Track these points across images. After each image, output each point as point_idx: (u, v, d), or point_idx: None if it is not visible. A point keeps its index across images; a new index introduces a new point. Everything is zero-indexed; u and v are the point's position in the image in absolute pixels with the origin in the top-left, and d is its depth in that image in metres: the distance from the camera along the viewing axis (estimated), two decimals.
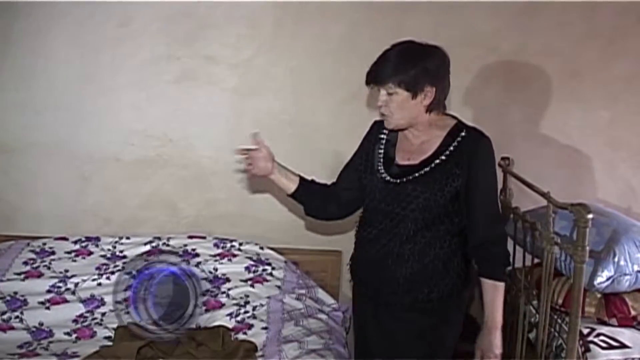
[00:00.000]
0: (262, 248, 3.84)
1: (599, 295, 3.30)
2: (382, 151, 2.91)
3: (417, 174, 2.76)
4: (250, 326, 3.29)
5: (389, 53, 2.74)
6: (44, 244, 3.78)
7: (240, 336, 3.21)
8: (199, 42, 3.89)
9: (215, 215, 4.03)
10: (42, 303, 3.41)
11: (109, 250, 3.75)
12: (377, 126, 2.97)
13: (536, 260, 3.35)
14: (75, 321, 3.36)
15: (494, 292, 2.80)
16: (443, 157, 2.75)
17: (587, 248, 2.79)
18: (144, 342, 3.00)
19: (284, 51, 3.91)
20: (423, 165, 2.77)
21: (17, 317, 3.32)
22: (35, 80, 3.90)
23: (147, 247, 3.76)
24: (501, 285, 2.81)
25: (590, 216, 2.74)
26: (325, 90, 3.91)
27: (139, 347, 2.97)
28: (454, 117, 2.88)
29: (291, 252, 3.92)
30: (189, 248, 3.77)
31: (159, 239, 3.83)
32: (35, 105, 3.93)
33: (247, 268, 3.68)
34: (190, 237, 3.86)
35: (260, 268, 3.68)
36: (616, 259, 3.17)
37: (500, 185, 3.66)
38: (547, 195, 3.06)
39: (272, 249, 3.86)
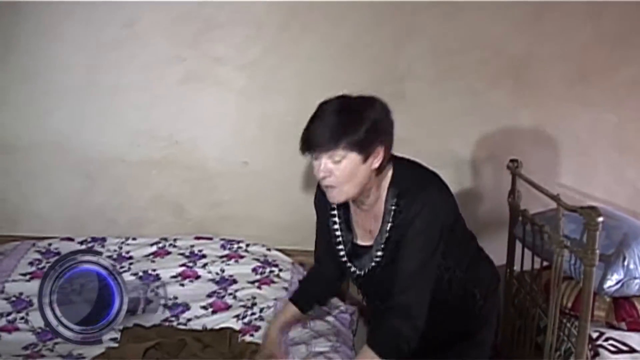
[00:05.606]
0: (269, 249, 3.84)
1: (608, 299, 3.28)
2: (339, 233, 2.68)
3: (377, 260, 2.56)
4: (257, 328, 3.25)
5: (327, 112, 2.40)
6: (50, 244, 3.77)
7: (247, 338, 3.18)
8: (204, 43, 3.87)
9: (222, 216, 4.02)
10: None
11: (115, 251, 3.74)
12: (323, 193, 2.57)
13: (544, 264, 3.33)
14: None
15: None
16: (387, 235, 2.51)
17: (597, 251, 2.78)
18: (150, 343, 2.98)
19: (290, 52, 3.89)
20: (376, 247, 2.55)
21: (22, 318, 3.29)
22: (40, 80, 3.89)
23: (154, 248, 3.77)
24: None
25: (600, 219, 2.72)
26: (332, 91, 3.83)
27: (145, 349, 2.94)
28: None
29: (298, 253, 3.88)
30: (195, 249, 3.76)
31: (166, 240, 3.83)
32: (39, 105, 3.91)
33: (254, 269, 3.66)
34: (197, 238, 3.86)
35: (268, 269, 3.66)
36: (626, 263, 3.13)
37: (508, 188, 3.65)
38: (557, 198, 3.04)
39: (279, 250, 3.85)
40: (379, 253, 2.54)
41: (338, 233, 2.68)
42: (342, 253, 2.68)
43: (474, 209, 3.99)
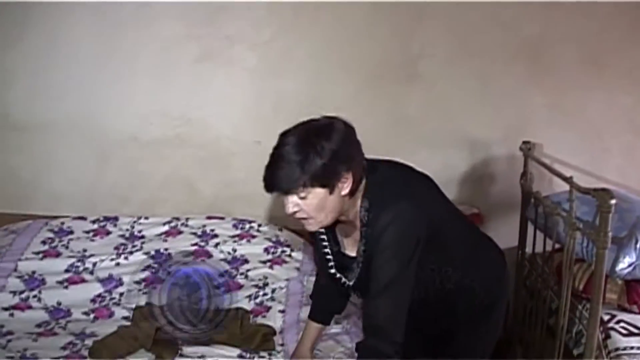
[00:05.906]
0: (281, 229, 3.83)
1: (620, 282, 3.26)
2: (326, 243, 2.61)
3: (359, 270, 2.49)
4: (269, 308, 3.29)
5: (284, 151, 2.28)
6: (62, 223, 3.78)
7: (259, 319, 3.21)
8: (218, 21, 3.85)
9: (234, 196, 4.00)
10: (60, 283, 3.42)
11: (127, 230, 3.74)
12: None
13: (556, 246, 3.32)
14: (93, 301, 3.36)
15: None
16: (363, 248, 2.43)
17: (610, 234, 2.75)
18: (162, 322, 3.00)
19: (304, 32, 3.87)
20: (359, 258, 2.47)
21: (35, 296, 3.32)
22: (54, 58, 3.89)
23: (166, 228, 3.76)
24: None
25: (613, 202, 2.69)
26: (345, 71, 3.88)
27: (157, 328, 2.95)
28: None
29: (310, 233, 3.87)
30: (207, 229, 3.76)
31: (178, 219, 3.82)
32: (53, 83, 3.91)
33: (266, 249, 3.67)
34: (209, 217, 3.86)
35: (279, 249, 3.67)
36: (638, 245, 3.11)
37: (521, 169, 3.65)
38: (570, 179, 3.03)
39: (291, 230, 3.84)
40: (361, 264, 2.47)
41: (325, 243, 2.61)
42: (330, 264, 2.62)
43: (486, 190, 3.99)
